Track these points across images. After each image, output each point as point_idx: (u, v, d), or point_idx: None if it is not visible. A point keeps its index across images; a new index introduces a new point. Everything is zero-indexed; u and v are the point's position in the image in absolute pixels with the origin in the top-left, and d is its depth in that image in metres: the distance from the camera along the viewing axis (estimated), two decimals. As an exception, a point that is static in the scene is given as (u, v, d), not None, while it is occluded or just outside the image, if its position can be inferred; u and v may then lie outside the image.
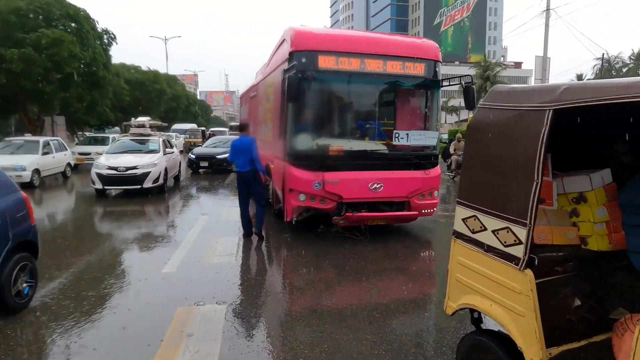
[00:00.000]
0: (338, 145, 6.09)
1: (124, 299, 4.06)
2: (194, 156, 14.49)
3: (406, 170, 6.27)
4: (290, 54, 5.91)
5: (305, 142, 6.03)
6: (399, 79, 6.27)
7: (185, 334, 3.25)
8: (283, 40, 6.59)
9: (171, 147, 12.00)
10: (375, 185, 6.04)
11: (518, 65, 73.15)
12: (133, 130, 11.53)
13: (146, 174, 9.70)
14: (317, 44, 5.93)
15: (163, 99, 36.64)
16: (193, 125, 32.87)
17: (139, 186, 9.69)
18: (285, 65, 6.05)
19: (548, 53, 17.26)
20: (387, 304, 3.96)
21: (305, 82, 5.70)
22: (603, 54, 41.83)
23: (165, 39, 47.94)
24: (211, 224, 7.28)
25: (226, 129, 26.49)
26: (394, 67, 6.10)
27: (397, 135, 6.22)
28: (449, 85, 6.71)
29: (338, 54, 5.87)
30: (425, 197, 6.44)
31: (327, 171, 5.91)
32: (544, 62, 16.47)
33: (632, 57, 54.24)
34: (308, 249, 5.75)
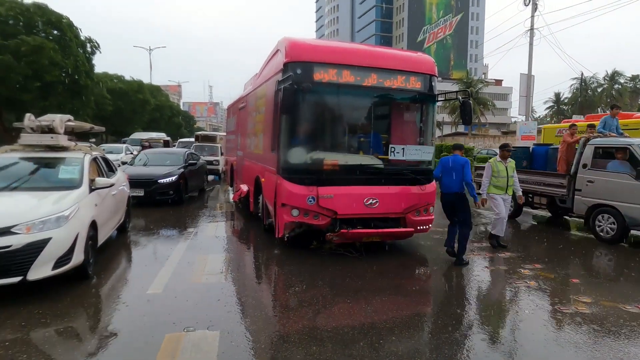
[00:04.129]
0: (333, 159, 5.91)
1: (105, 326, 3.72)
2: None
3: (402, 186, 6.14)
4: (285, 64, 5.76)
5: (299, 155, 5.84)
6: (395, 92, 6.17)
7: (175, 366, 2.95)
8: (277, 51, 6.43)
9: (112, 170, 6.61)
10: (370, 201, 5.87)
11: (498, 82, 75.29)
12: (27, 137, 5.51)
13: (37, 248, 4.00)
14: (312, 55, 5.79)
15: (146, 109, 36.06)
16: (158, 134, 24.48)
17: (19, 278, 3.94)
18: (279, 76, 5.88)
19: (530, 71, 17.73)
20: (390, 327, 3.74)
21: (300, 93, 5.53)
22: (582, 73, 43.28)
23: (150, 49, 47.47)
24: (198, 240, 6.95)
25: (192, 139, 20.98)
26: (390, 81, 6.01)
27: (392, 149, 6.09)
28: (445, 100, 6.67)
29: (334, 66, 5.74)
30: (421, 213, 6.31)
31: (322, 186, 5.71)
32: (528, 80, 16.84)
33: (606, 77, 56.62)
34: (301, 267, 5.50)
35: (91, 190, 5.13)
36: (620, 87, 56.18)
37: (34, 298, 4.08)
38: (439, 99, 6.52)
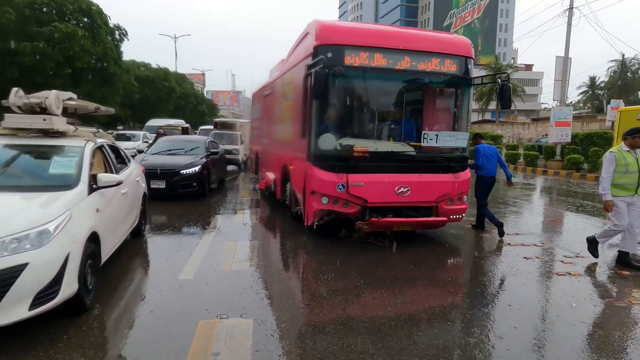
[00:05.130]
0: (363, 145, 5.74)
1: (140, 313, 3.74)
2: None
3: (435, 174, 5.94)
4: (315, 48, 5.59)
5: (329, 142, 5.69)
6: (430, 76, 5.91)
7: (211, 354, 2.92)
8: (306, 34, 6.26)
9: (124, 162, 5.57)
10: (402, 189, 5.70)
11: (528, 67, 72.39)
12: (12, 119, 4.26)
13: (7, 279, 2.82)
14: (343, 37, 5.59)
15: (172, 97, 36.52)
16: (176, 121, 21.66)
17: None
18: (309, 60, 5.72)
19: (563, 53, 16.69)
20: (428, 319, 3.61)
21: (330, 78, 5.35)
22: (623, 55, 40.74)
23: (175, 37, 47.92)
24: (225, 227, 6.97)
25: (211, 127, 19.74)
26: (424, 64, 5.75)
27: (425, 136, 5.88)
28: (482, 83, 6.37)
29: (366, 49, 5.54)
30: (454, 202, 6.10)
31: (351, 173, 5.58)
32: (565, 63, 15.95)
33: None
34: (330, 256, 5.40)
35: (92, 189, 3.89)
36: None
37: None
38: (475, 82, 6.23)
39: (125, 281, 4.43)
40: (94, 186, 3.96)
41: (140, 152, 10.93)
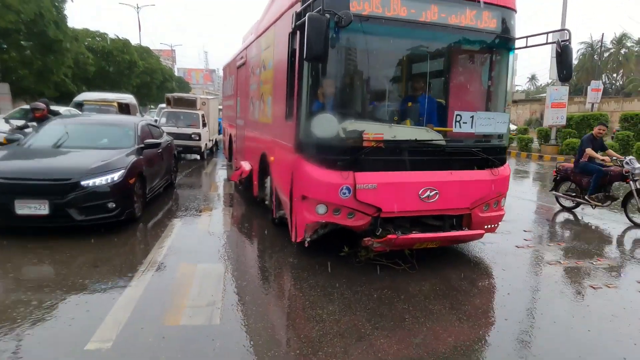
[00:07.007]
0: (377, 131, 4.05)
1: None
2: None
3: (468, 170, 4.38)
4: (309, -14, 3.79)
5: (328, 125, 3.97)
6: (464, 33, 4.24)
7: None
8: (293, -29, 4.41)
9: None
10: (427, 192, 4.11)
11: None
12: None
13: None
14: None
15: (134, 71, 33.25)
16: (118, 96, 15.14)
17: None
18: (298, 7, 3.93)
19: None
20: None
21: (329, 31, 3.56)
22: (591, 35, 40.00)
23: (137, 7, 43.97)
24: (183, 239, 5.17)
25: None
26: (457, 17, 4.10)
27: (458, 118, 4.26)
28: (527, 46, 4.74)
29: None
30: (491, 208, 4.60)
31: (360, 170, 3.92)
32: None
33: (614, 41, 52.41)
34: (326, 286, 3.83)
35: None
36: (627, 51, 52.35)
37: None
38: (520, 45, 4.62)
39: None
40: None
41: (12, 141, 6.37)
